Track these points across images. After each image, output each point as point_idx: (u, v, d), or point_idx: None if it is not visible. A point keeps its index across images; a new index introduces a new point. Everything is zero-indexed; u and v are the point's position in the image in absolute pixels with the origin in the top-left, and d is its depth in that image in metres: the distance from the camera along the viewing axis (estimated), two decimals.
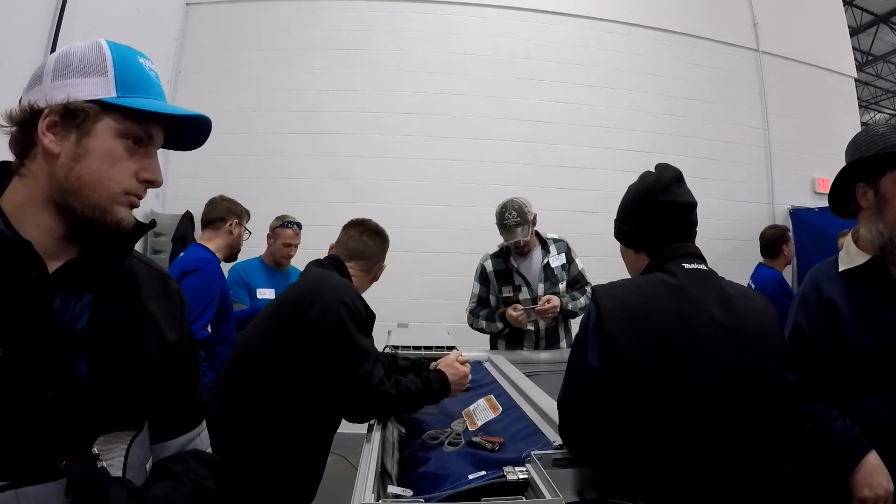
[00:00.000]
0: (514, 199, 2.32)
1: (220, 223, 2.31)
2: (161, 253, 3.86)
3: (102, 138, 0.67)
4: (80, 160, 0.66)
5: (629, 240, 1.17)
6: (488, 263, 2.45)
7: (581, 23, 4.45)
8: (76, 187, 0.66)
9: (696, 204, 1.12)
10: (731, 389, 0.95)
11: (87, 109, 0.66)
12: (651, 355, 0.94)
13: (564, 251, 2.44)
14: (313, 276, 1.48)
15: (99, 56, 0.69)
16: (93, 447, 0.66)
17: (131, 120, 0.69)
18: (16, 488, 0.59)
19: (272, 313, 1.44)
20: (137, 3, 3.65)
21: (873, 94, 12.47)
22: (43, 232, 0.66)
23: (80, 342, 0.66)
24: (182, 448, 0.80)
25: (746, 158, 4.66)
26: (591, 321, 1.01)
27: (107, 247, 0.70)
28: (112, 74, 0.68)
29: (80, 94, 0.66)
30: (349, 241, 1.58)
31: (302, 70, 4.15)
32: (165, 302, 0.79)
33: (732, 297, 1.03)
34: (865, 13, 9.02)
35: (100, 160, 0.67)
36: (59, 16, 2.83)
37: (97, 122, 0.67)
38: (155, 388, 0.74)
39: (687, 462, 0.92)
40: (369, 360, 1.32)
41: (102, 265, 0.69)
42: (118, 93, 0.68)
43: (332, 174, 4.04)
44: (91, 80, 0.67)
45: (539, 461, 1.02)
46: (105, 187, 0.67)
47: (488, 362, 2.05)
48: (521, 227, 2.25)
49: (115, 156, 0.68)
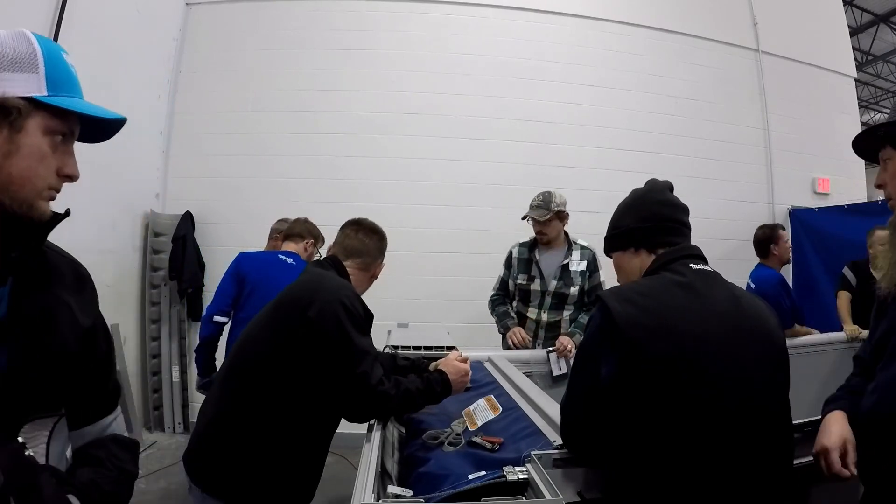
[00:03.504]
0: (551, 189, 2.49)
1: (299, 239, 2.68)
2: (161, 253, 3.87)
3: (32, 135, 0.68)
4: (10, 157, 0.66)
5: (626, 239, 1.15)
6: (515, 250, 2.60)
7: (581, 23, 4.45)
8: (5, 183, 0.66)
9: (687, 209, 1.16)
10: (748, 392, 0.93)
11: (19, 107, 0.66)
12: (675, 361, 0.91)
13: (588, 259, 2.51)
14: (311, 276, 1.47)
15: (29, 50, 0.69)
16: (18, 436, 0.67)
17: (58, 118, 0.70)
18: None
19: (271, 313, 1.43)
20: (137, 3, 3.65)
21: (873, 94, 12.47)
22: None
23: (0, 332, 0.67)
24: (100, 434, 0.81)
25: (746, 158, 4.66)
26: (601, 329, 0.97)
27: (21, 237, 0.70)
28: (42, 72, 0.69)
29: (13, 90, 0.66)
30: (346, 239, 1.57)
31: (302, 70, 4.15)
32: (78, 288, 0.80)
33: (739, 297, 1.03)
34: (865, 13, 9.02)
35: (29, 157, 0.68)
36: (59, 16, 2.83)
37: (28, 119, 0.67)
38: (72, 374, 0.75)
39: (702, 466, 0.90)
40: (368, 360, 1.31)
41: (18, 255, 0.70)
42: (48, 91, 0.69)
43: (331, 174, 4.04)
44: (23, 76, 0.67)
45: (539, 461, 1.02)
46: (32, 184, 0.68)
47: (488, 362, 2.05)
48: (539, 210, 2.41)
49: (43, 153, 0.69)
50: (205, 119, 4.09)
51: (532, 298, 2.49)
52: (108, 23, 3.29)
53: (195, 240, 3.93)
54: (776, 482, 0.95)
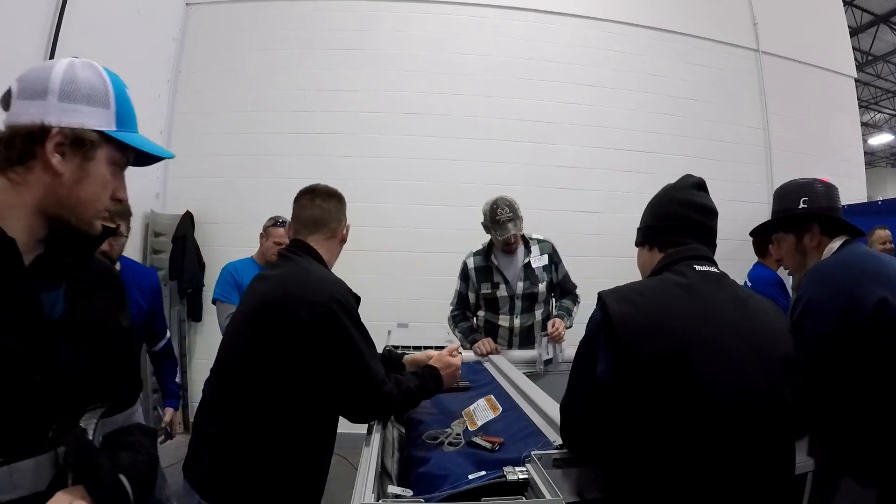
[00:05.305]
0: (502, 196, 2.33)
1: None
2: (161, 253, 3.87)
3: (100, 164, 0.77)
4: (80, 182, 0.75)
5: (644, 236, 1.17)
6: (470, 260, 2.47)
7: (581, 23, 4.45)
8: (74, 205, 0.75)
9: (715, 210, 1.12)
10: (747, 394, 0.93)
11: (93, 140, 0.75)
12: (670, 361, 0.91)
13: (549, 252, 2.44)
14: (287, 272, 1.34)
15: (103, 87, 0.78)
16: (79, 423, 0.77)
17: (121, 151, 0.79)
18: (8, 464, 0.67)
19: (251, 318, 1.31)
20: (137, 3, 3.65)
21: (873, 94, 12.47)
22: (26, 233, 0.73)
23: (60, 329, 0.75)
24: (126, 422, 0.88)
25: (746, 158, 4.66)
26: (599, 327, 0.97)
27: (73, 247, 0.79)
28: (113, 108, 0.78)
29: (88, 122, 0.75)
30: (303, 210, 1.46)
31: (301, 70, 4.15)
32: (116, 293, 0.90)
33: (745, 299, 1.02)
34: (865, 13, 9.02)
35: (95, 184, 0.77)
36: (59, 16, 2.83)
37: (97, 150, 0.76)
38: (118, 368, 0.85)
39: (700, 468, 0.90)
40: (372, 361, 1.29)
41: (72, 261, 0.79)
42: (117, 126, 0.78)
43: (331, 174, 3.99)
44: (97, 110, 0.76)
45: (539, 461, 1.02)
46: (94, 206, 0.78)
47: (488, 362, 2.05)
48: (514, 223, 2.26)
49: (106, 180, 0.78)
50: (205, 119, 4.09)
51: (501, 306, 2.39)
52: (108, 23, 3.29)
53: (195, 240, 3.93)
54: (775, 485, 0.95)
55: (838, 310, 1.21)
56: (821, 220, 1.41)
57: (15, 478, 0.68)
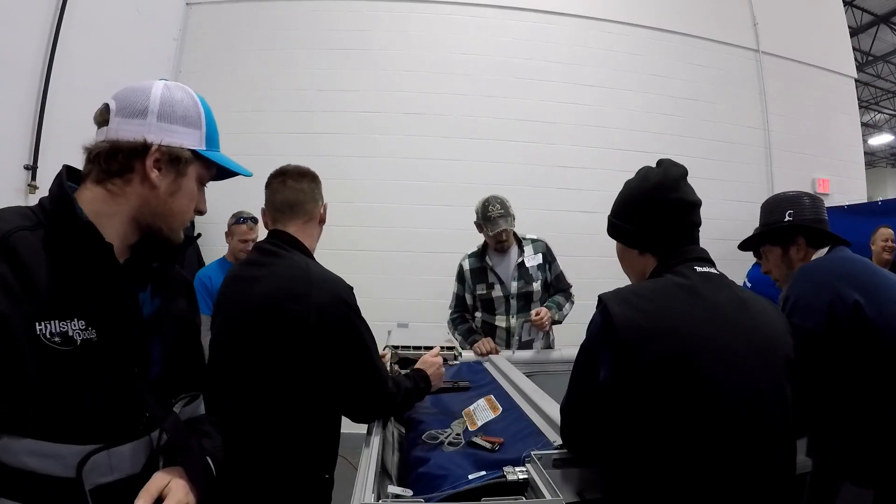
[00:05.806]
0: (493, 195, 2.37)
1: None
2: None
3: (190, 180, 0.87)
4: (173, 195, 0.84)
5: (633, 240, 1.11)
6: (465, 262, 2.50)
7: (581, 23, 4.45)
8: (166, 215, 0.85)
9: (700, 203, 1.10)
10: (752, 395, 0.92)
11: (187, 157, 0.84)
12: (673, 363, 0.90)
13: (542, 251, 2.44)
14: (284, 272, 1.27)
15: (196, 111, 0.87)
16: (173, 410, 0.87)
17: (207, 168, 0.90)
18: (108, 449, 0.75)
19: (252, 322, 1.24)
20: (137, 3, 3.65)
21: (873, 94, 12.46)
22: (119, 239, 0.81)
23: (151, 326, 0.84)
24: (193, 413, 0.96)
25: (746, 158, 4.66)
26: (601, 330, 0.96)
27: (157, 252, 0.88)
28: (204, 129, 0.87)
29: (184, 142, 0.84)
30: (275, 194, 1.40)
31: (302, 70, 4.15)
32: (191, 296, 1.00)
33: (746, 300, 1.01)
34: (865, 13, 9.02)
35: (186, 197, 0.87)
36: (60, 16, 2.83)
37: (189, 166, 0.86)
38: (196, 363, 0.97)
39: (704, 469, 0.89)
40: (378, 360, 1.31)
41: (158, 266, 0.89)
42: (206, 146, 0.88)
43: (331, 174, 3.97)
44: (191, 131, 0.85)
45: (539, 461, 1.02)
46: (182, 218, 0.88)
47: (488, 362, 2.05)
48: (505, 219, 2.29)
49: (194, 194, 0.89)
50: None
51: (497, 306, 2.40)
52: (108, 23, 3.29)
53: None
54: (779, 486, 0.94)
55: (824, 304, 1.25)
56: (806, 233, 1.45)
57: (113, 461, 0.75)
